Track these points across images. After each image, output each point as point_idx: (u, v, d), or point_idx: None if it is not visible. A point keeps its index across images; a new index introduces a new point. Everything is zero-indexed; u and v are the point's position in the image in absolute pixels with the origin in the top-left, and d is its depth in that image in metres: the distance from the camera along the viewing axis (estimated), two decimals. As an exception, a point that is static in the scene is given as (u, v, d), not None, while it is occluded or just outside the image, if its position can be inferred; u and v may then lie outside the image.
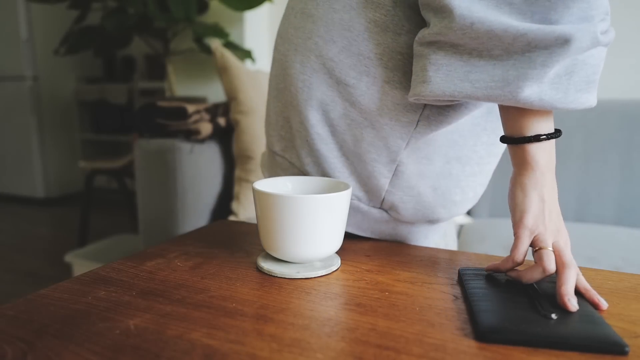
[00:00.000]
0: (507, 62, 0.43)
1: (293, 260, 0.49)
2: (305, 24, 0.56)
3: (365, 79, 0.53)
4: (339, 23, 0.53)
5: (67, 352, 0.33)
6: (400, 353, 0.33)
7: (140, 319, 0.38)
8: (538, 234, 0.44)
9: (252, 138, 1.20)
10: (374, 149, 0.55)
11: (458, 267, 0.51)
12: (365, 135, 0.55)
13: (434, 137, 0.55)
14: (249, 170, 1.20)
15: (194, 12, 1.64)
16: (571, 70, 0.42)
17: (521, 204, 0.45)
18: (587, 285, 0.43)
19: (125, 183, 2.16)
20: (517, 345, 0.34)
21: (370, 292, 0.44)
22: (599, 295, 0.42)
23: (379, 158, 0.55)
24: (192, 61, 1.90)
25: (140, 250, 0.58)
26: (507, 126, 0.48)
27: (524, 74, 0.42)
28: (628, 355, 0.33)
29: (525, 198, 0.45)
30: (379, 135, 0.54)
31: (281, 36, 0.61)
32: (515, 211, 0.46)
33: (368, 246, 0.59)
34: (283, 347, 0.34)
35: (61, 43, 1.84)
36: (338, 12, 0.53)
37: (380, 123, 0.53)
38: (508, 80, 0.42)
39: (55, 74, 3.09)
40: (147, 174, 1.10)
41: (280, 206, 0.45)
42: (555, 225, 0.45)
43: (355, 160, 0.57)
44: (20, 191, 3.15)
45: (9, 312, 0.39)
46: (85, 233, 2.06)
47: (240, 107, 1.22)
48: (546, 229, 0.44)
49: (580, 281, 0.44)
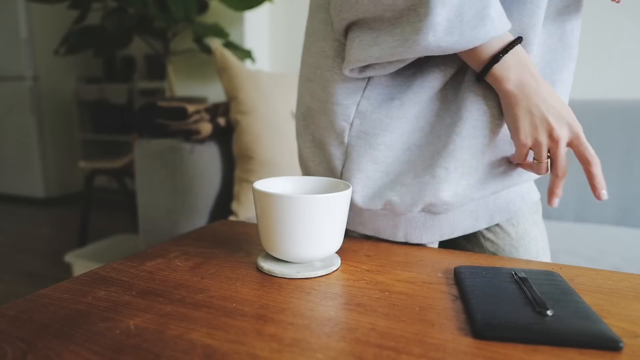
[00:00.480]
0: (400, 20, 0.48)
1: (293, 260, 0.49)
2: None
3: (318, 72, 0.60)
4: (307, 30, 0.64)
5: (67, 352, 0.33)
6: (400, 353, 0.33)
7: (140, 319, 0.38)
8: (540, 141, 0.50)
9: (253, 138, 1.20)
10: (327, 133, 0.60)
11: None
12: (322, 122, 0.61)
13: (390, 124, 0.57)
14: (249, 171, 1.20)
15: (194, 12, 1.64)
16: (460, 12, 0.46)
17: (510, 123, 0.51)
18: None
19: (125, 183, 2.16)
20: (513, 342, 0.34)
21: (370, 292, 0.44)
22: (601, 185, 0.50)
23: (332, 141, 0.60)
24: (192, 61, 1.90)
25: (140, 250, 0.58)
26: (471, 67, 0.52)
27: (416, 28, 0.46)
28: (628, 354, 0.33)
29: (513, 118, 0.50)
30: (328, 120, 0.59)
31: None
32: (510, 131, 0.52)
33: (368, 246, 0.59)
34: (283, 347, 0.34)
35: (61, 43, 1.84)
36: (308, 20, 0.64)
37: (329, 108, 0.59)
38: (404, 36, 0.48)
39: (55, 74, 3.09)
40: (147, 174, 1.10)
41: (280, 206, 0.45)
42: (558, 114, 0.49)
43: (321, 148, 0.63)
44: (20, 191, 3.15)
45: (9, 312, 0.39)
46: (85, 233, 2.06)
47: (241, 107, 1.22)
48: (547, 130, 0.49)
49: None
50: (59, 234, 2.44)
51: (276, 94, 1.27)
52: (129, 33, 1.83)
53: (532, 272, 0.47)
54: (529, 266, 0.52)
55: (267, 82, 1.27)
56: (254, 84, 1.24)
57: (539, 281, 0.44)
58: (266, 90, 1.25)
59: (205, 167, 1.18)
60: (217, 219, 1.25)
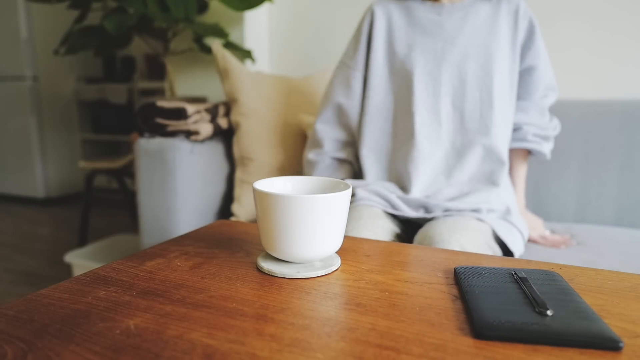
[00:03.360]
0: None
1: (293, 260, 0.49)
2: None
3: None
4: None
5: (67, 352, 0.33)
6: (400, 353, 0.33)
7: (140, 319, 0.38)
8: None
9: (253, 140, 1.20)
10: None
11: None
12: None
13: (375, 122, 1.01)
14: (250, 172, 1.20)
15: (194, 12, 1.64)
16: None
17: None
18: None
19: (125, 183, 2.16)
20: (513, 342, 0.34)
21: (370, 292, 0.44)
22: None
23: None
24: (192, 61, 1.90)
25: (140, 250, 0.58)
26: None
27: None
28: (628, 354, 0.33)
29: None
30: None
31: None
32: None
33: (368, 246, 0.59)
34: (283, 347, 0.34)
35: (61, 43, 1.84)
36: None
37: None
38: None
39: (55, 74, 3.09)
40: (147, 173, 1.10)
41: (280, 206, 0.45)
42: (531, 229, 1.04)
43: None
44: (20, 191, 3.15)
45: (9, 312, 0.39)
46: (85, 233, 2.06)
47: (242, 109, 1.22)
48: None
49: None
50: (59, 234, 2.44)
51: (277, 96, 1.27)
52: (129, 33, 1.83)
53: (532, 272, 0.47)
54: (529, 266, 0.52)
55: (268, 85, 1.27)
56: (255, 87, 1.24)
57: (539, 281, 0.44)
58: (267, 93, 1.25)
59: (205, 167, 1.18)
60: (218, 219, 1.24)
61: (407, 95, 0.96)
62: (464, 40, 0.95)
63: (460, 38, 0.95)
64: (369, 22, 1.02)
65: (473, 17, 0.96)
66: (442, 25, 0.96)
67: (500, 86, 0.95)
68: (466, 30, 0.95)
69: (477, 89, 0.94)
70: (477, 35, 0.95)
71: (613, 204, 1.22)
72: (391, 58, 0.99)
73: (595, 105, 1.27)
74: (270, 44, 1.91)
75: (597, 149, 1.24)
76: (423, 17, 0.98)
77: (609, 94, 1.41)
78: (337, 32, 1.77)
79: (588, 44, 1.41)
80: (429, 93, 0.95)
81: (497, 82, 0.94)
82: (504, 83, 0.95)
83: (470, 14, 0.96)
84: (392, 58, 0.99)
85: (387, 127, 1.00)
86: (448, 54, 0.95)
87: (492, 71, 0.94)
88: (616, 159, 1.22)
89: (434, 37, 0.96)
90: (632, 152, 1.21)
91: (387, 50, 1.00)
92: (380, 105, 1.00)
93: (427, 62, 0.95)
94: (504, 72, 0.95)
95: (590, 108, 1.26)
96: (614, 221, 1.22)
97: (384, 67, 1.00)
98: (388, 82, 0.99)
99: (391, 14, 1.00)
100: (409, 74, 0.95)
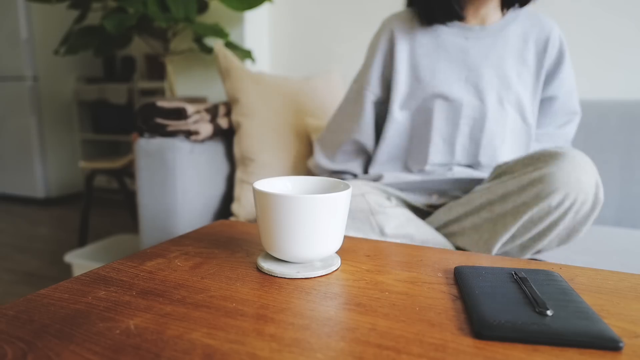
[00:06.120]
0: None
1: (293, 260, 0.49)
2: None
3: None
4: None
5: (67, 352, 0.33)
6: (400, 353, 0.33)
7: (140, 319, 0.38)
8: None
9: (254, 140, 1.20)
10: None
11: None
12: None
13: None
14: (250, 173, 1.20)
15: (194, 12, 1.64)
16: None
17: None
18: None
19: (125, 183, 2.16)
20: (513, 342, 0.34)
21: (370, 292, 0.44)
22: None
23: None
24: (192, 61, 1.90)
25: (140, 250, 0.58)
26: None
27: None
28: (628, 354, 0.33)
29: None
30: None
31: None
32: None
33: (368, 246, 0.59)
34: (283, 347, 0.34)
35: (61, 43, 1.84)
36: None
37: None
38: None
39: (55, 74, 3.09)
40: (147, 174, 1.10)
41: (280, 206, 0.45)
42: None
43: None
44: (20, 191, 3.15)
45: (9, 312, 0.39)
46: (85, 233, 2.06)
47: (243, 109, 1.22)
48: None
49: None
50: (59, 234, 2.44)
51: (278, 96, 1.27)
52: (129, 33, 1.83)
53: (532, 272, 0.47)
54: (529, 266, 0.52)
55: (268, 85, 1.27)
56: (255, 87, 1.24)
57: (539, 281, 0.44)
58: (268, 93, 1.25)
59: (205, 167, 1.18)
60: (218, 219, 1.25)
61: (425, 121, 0.94)
62: (489, 70, 0.92)
63: (485, 68, 0.92)
64: (388, 40, 0.97)
65: (502, 45, 0.93)
66: (468, 52, 0.93)
67: (514, 120, 0.93)
68: (492, 59, 0.92)
69: (495, 122, 0.92)
70: (503, 65, 0.92)
71: (613, 204, 1.22)
72: (413, 82, 0.95)
73: (595, 106, 1.27)
74: (270, 44, 1.91)
75: (597, 149, 1.24)
76: (448, 41, 0.94)
77: (609, 94, 1.41)
78: (337, 32, 1.77)
79: (587, 44, 1.41)
80: (447, 123, 0.93)
81: (512, 117, 0.93)
82: (519, 116, 0.94)
83: (499, 40, 0.93)
84: (414, 82, 0.95)
85: (404, 144, 0.99)
86: (471, 84, 0.92)
87: (507, 105, 0.92)
88: (616, 159, 1.22)
89: (459, 65, 0.93)
90: (632, 152, 1.21)
91: (409, 73, 0.96)
92: (400, 130, 0.97)
93: (450, 91, 0.92)
94: (525, 105, 0.94)
95: (589, 108, 1.26)
96: (614, 221, 1.22)
97: (404, 92, 0.96)
98: (409, 105, 0.96)
99: (415, 36, 0.96)
100: (430, 101, 0.93)
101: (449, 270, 0.51)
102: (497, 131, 0.92)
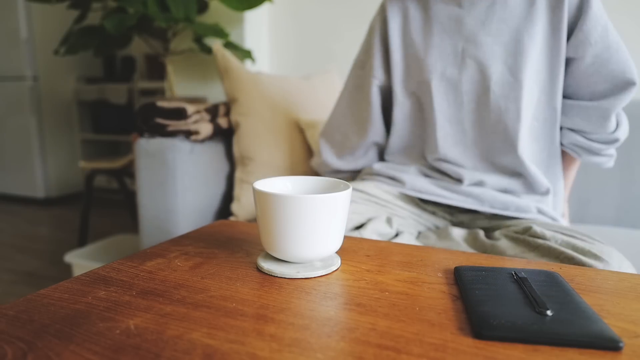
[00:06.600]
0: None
1: (293, 260, 0.49)
2: None
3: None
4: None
5: (67, 352, 0.33)
6: (400, 353, 0.33)
7: (140, 319, 0.38)
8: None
9: (253, 140, 1.20)
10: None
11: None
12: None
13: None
14: (250, 172, 1.20)
15: (194, 12, 1.64)
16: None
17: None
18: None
19: (125, 183, 2.16)
20: (513, 342, 0.34)
21: (370, 292, 0.44)
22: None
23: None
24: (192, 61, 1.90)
25: (140, 250, 0.58)
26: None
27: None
28: (628, 354, 0.33)
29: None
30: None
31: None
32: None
33: (368, 246, 0.59)
34: (283, 347, 0.34)
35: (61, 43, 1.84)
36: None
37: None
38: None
39: (55, 74, 3.09)
40: (147, 174, 1.10)
41: (280, 206, 0.45)
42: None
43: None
44: (20, 191, 3.15)
45: (9, 312, 0.39)
46: (85, 233, 2.06)
47: (241, 109, 1.22)
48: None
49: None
50: (59, 234, 2.44)
51: (277, 96, 1.27)
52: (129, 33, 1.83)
53: (532, 272, 0.47)
54: (529, 266, 0.52)
55: (268, 84, 1.27)
56: (255, 86, 1.24)
57: (539, 281, 0.44)
58: (267, 93, 1.25)
59: (205, 167, 1.18)
60: (218, 219, 1.24)
61: (427, 102, 0.86)
62: (488, 38, 0.80)
63: (484, 35, 0.80)
64: (382, 20, 0.90)
65: (501, 7, 0.79)
66: (463, 20, 0.81)
67: (531, 93, 0.80)
68: (492, 25, 0.79)
69: (504, 97, 0.79)
70: (506, 29, 0.79)
71: (613, 204, 1.22)
72: (409, 61, 0.87)
73: (595, 105, 1.26)
74: (270, 44, 1.91)
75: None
76: (441, 12, 0.83)
77: (609, 94, 1.41)
78: (337, 32, 1.77)
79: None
80: (450, 103, 0.84)
81: (528, 88, 0.79)
82: (536, 87, 0.80)
83: (498, 2, 0.79)
84: (409, 62, 0.87)
85: (414, 129, 0.91)
86: (469, 57, 0.81)
87: (521, 75, 0.78)
88: (616, 159, 1.22)
89: (453, 36, 0.82)
90: (632, 152, 1.21)
91: (403, 54, 0.88)
92: (407, 112, 0.90)
93: (446, 67, 0.83)
94: (541, 72, 0.80)
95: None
96: (614, 221, 1.22)
97: (402, 72, 0.89)
98: (408, 86, 0.89)
99: (407, 11, 0.87)
100: (427, 82, 0.84)
101: (449, 270, 0.51)
102: (510, 107, 0.79)
